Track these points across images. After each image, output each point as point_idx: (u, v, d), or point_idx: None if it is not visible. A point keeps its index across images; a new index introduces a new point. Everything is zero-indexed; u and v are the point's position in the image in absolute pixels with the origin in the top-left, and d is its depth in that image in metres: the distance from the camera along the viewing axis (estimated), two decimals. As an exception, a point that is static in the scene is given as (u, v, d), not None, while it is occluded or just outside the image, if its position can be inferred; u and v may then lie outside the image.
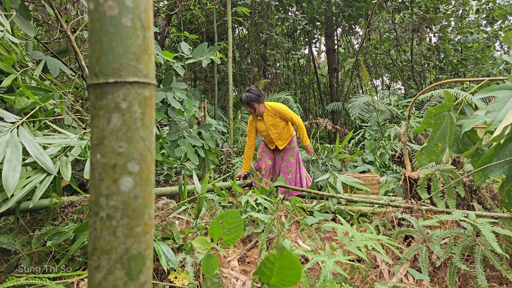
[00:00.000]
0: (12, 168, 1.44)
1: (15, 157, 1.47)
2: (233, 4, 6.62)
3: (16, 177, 1.43)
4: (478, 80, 1.87)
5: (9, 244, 1.59)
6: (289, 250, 0.68)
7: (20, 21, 2.01)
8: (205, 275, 0.82)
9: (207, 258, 0.83)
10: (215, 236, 0.83)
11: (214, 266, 0.83)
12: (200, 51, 3.03)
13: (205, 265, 0.83)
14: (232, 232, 0.83)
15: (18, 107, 1.79)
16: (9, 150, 1.47)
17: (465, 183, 2.19)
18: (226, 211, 0.83)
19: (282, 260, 0.68)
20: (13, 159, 1.46)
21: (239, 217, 0.82)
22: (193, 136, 2.93)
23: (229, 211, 0.83)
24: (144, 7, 0.55)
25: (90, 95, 0.54)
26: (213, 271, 0.82)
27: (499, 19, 7.37)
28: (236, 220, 0.83)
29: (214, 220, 0.83)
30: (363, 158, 4.52)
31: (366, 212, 2.50)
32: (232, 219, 0.83)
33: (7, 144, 1.49)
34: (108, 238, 0.53)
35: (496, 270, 1.72)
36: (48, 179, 1.59)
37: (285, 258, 0.68)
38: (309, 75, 9.54)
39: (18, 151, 1.50)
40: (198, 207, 1.96)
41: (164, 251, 1.55)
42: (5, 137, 1.50)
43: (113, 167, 0.53)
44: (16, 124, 1.60)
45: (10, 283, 1.04)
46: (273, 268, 0.68)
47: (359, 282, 1.66)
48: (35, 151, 1.58)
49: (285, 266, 0.68)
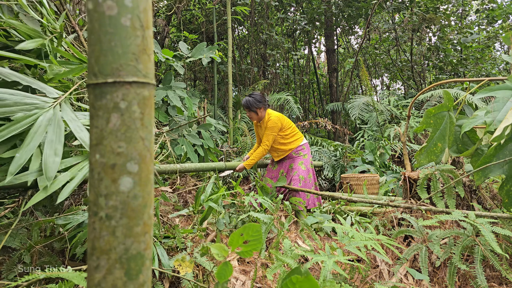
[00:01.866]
0: (53, 151, 1.25)
1: (57, 138, 1.28)
2: (232, 4, 6.62)
3: (57, 162, 1.25)
4: (478, 80, 1.87)
5: (10, 241, 1.57)
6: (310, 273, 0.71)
7: (26, 18, 1.98)
8: (219, 281, 0.84)
9: (223, 265, 0.86)
10: (234, 245, 0.86)
11: (228, 273, 0.85)
12: (200, 50, 3.04)
13: (220, 271, 0.85)
14: (251, 244, 0.86)
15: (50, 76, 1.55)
16: (50, 130, 1.28)
17: (465, 183, 2.20)
18: (248, 225, 0.86)
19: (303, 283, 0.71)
20: (55, 139, 1.28)
21: (259, 232, 0.86)
22: (193, 135, 2.94)
23: (251, 224, 0.86)
24: (143, 7, 0.55)
25: (89, 95, 0.54)
26: (227, 278, 0.84)
27: (499, 19, 7.37)
28: (256, 234, 0.86)
29: (236, 231, 0.86)
30: (363, 158, 4.52)
31: (366, 212, 2.50)
32: (253, 232, 0.86)
33: (49, 122, 1.29)
34: (107, 238, 0.53)
35: (496, 270, 1.73)
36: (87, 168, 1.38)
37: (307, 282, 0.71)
38: (308, 75, 9.54)
39: (60, 130, 1.31)
40: (206, 215, 1.96)
41: (159, 254, 1.56)
42: (48, 114, 1.30)
43: (112, 167, 0.53)
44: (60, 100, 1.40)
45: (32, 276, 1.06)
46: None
47: (359, 282, 1.66)
48: (80, 133, 1.36)
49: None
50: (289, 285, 0.72)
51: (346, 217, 2.38)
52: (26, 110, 1.30)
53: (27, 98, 1.34)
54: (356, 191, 3.64)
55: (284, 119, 3.13)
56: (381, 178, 3.95)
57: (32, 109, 1.31)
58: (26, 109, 1.30)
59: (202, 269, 1.69)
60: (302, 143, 3.18)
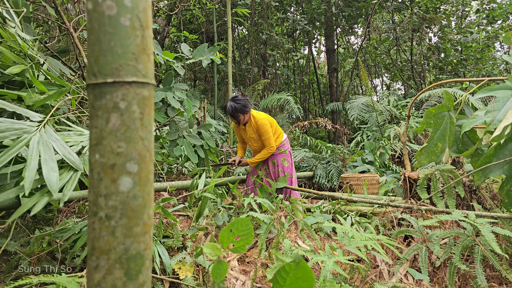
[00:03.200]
0: (49, 168, 1.42)
1: (49, 157, 1.46)
2: (233, 4, 6.62)
3: (56, 176, 1.42)
4: (478, 80, 1.87)
5: (8, 245, 1.58)
6: (305, 261, 0.70)
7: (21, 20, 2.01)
8: (214, 280, 0.83)
9: (218, 264, 0.85)
10: (225, 243, 0.85)
11: (223, 272, 0.85)
12: (200, 51, 3.03)
13: (215, 270, 0.84)
14: (242, 239, 0.86)
15: (29, 103, 1.75)
16: (42, 150, 1.45)
17: (465, 183, 2.19)
18: (237, 219, 0.85)
19: (297, 270, 0.70)
20: (47, 158, 1.45)
21: (249, 225, 0.85)
22: (192, 136, 2.93)
23: (239, 219, 0.85)
24: (142, 6, 0.55)
25: (89, 95, 0.54)
26: (222, 277, 0.84)
27: (499, 19, 7.37)
28: (246, 228, 0.85)
29: (224, 227, 0.85)
30: (362, 158, 4.52)
31: (366, 212, 2.50)
32: (242, 227, 0.85)
33: (39, 145, 1.47)
34: (107, 238, 0.53)
35: (496, 270, 1.72)
36: (76, 176, 1.60)
37: (301, 269, 0.70)
38: (308, 75, 9.54)
39: (50, 150, 1.48)
40: (201, 208, 1.95)
41: (160, 253, 1.57)
42: (36, 137, 1.48)
43: (112, 167, 0.53)
44: (43, 123, 1.58)
45: (22, 282, 1.06)
46: (286, 278, 0.70)
47: (359, 282, 1.66)
48: (63, 150, 1.58)
49: (299, 277, 0.70)
50: (283, 274, 0.71)
51: (346, 217, 2.38)
52: (16, 135, 1.47)
53: (15, 124, 1.51)
54: (356, 191, 3.64)
55: (270, 118, 3.08)
56: (381, 178, 3.95)
57: (21, 134, 1.48)
58: (16, 134, 1.47)
59: (202, 269, 1.69)
60: (283, 139, 3.15)
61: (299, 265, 0.69)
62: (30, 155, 1.39)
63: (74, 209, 2.13)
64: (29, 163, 1.37)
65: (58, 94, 1.78)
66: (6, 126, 1.46)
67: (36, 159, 1.39)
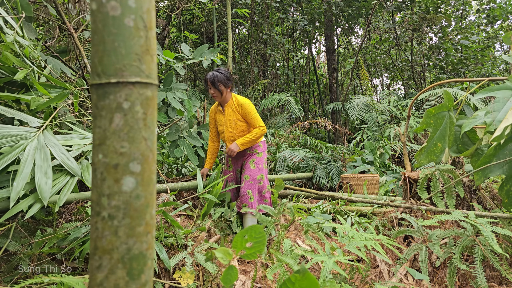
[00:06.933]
0: (43, 174, 1.43)
1: (44, 163, 1.46)
2: (233, 4, 6.62)
3: (49, 184, 1.43)
4: (478, 80, 1.87)
5: (9, 245, 1.58)
6: (309, 271, 0.71)
7: (21, 23, 2.01)
8: (224, 285, 0.84)
9: (228, 269, 0.86)
10: (238, 248, 0.86)
11: (233, 277, 0.85)
12: (201, 52, 3.04)
13: (225, 276, 0.85)
14: (255, 246, 0.87)
15: (33, 107, 1.75)
16: (38, 156, 1.46)
17: (465, 183, 2.20)
18: (251, 226, 0.86)
19: (302, 281, 0.71)
20: (43, 165, 1.45)
21: (262, 233, 0.86)
22: (193, 136, 2.93)
23: (253, 226, 0.86)
24: (146, 7, 0.55)
25: (92, 95, 0.54)
26: (232, 282, 0.84)
27: (499, 19, 7.37)
28: (259, 236, 0.86)
29: (238, 233, 0.86)
30: (362, 158, 4.52)
31: (366, 212, 2.50)
32: (255, 234, 0.86)
33: (35, 151, 1.47)
34: (110, 238, 0.53)
35: (496, 270, 1.73)
36: (73, 181, 1.60)
37: (306, 280, 0.71)
38: (308, 75, 9.54)
39: (47, 156, 1.49)
40: (206, 209, 1.96)
41: (157, 251, 1.58)
42: (33, 143, 1.49)
43: (115, 167, 0.53)
44: (42, 129, 1.59)
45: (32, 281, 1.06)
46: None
47: (359, 282, 1.67)
48: (61, 156, 1.59)
49: (304, 287, 0.71)
50: (288, 285, 0.72)
51: (346, 217, 2.38)
52: (14, 141, 1.48)
53: (13, 130, 1.52)
54: (356, 191, 3.64)
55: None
56: (381, 178, 3.95)
57: (18, 140, 1.49)
58: (14, 141, 1.48)
59: (202, 269, 1.69)
60: (262, 139, 2.74)
61: (304, 275, 0.71)
62: (23, 162, 1.40)
63: (74, 211, 2.13)
64: (21, 171, 1.37)
65: (60, 97, 1.78)
66: (4, 133, 1.47)
67: (29, 167, 1.40)
